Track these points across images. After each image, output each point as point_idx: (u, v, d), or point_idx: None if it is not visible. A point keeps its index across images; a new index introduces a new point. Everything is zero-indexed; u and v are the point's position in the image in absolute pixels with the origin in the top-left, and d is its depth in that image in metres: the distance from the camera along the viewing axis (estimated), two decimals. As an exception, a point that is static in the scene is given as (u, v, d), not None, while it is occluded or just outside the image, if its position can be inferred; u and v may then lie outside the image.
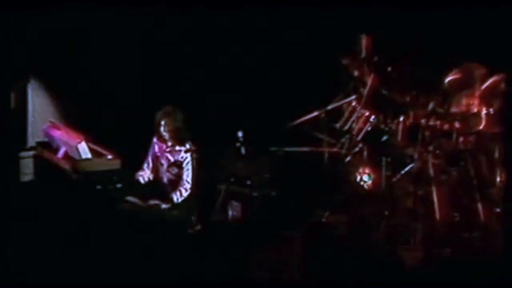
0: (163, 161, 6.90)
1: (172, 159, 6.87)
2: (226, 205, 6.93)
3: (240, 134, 6.93)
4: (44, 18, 7.05)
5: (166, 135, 6.76)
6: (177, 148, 6.83)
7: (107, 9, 7.18)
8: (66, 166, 6.36)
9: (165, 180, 6.90)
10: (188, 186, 6.73)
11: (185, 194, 6.71)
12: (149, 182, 6.89)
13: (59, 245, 5.99)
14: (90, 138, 6.48)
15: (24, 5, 6.72)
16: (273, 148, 7.05)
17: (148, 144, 6.94)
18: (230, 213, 6.88)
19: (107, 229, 6.06)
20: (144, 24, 7.48)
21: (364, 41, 7.15)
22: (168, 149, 6.86)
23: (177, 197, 6.72)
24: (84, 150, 6.36)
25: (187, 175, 6.75)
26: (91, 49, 7.43)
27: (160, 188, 6.85)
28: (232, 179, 6.95)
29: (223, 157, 7.11)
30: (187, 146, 6.83)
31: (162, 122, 6.78)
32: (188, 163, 6.77)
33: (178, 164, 6.82)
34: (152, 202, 6.62)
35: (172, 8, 7.26)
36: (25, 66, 7.09)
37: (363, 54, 7.12)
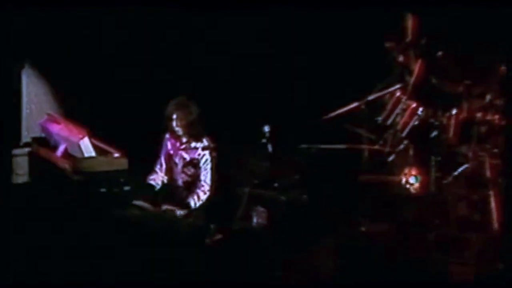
0: (177, 160, 6.62)
1: (187, 158, 6.58)
2: (250, 211, 6.59)
3: (266, 129, 6.55)
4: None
5: (179, 130, 6.46)
6: (193, 144, 6.55)
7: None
8: (66, 165, 6.07)
9: (179, 182, 6.60)
10: (206, 188, 6.45)
11: (203, 197, 6.43)
12: (163, 185, 6.66)
13: (57, 257, 5.71)
14: (94, 134, 6.17)
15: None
16: (304, 146, 6.76)
17: (160, 141, 6.63)
18: (254, 220, 6.56)
19: (112, 239, 5.77)
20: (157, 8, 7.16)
21: (410, 21, 6.87)
22: (182, 146, 6.58)
23: (194, 202, 6.42)
24: (87, 147, 6.07)
25: (205, 176, 6.46)
26: (95, 30, 7.14)
27: (174, 191, 6.60)
28: (256, 181, 6.62)
29: (246, 156, 6.73)
30: (205, 142, 6.50)
31: (174, 116, 6.49)
32: (206, 162, 6.47)
33: (195, 163, 6.52)
34: (165, 207, 6.31)
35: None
36: (19, 49, 6.79)
37: (409, 36, 6.85)
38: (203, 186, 6.48)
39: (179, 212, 6.37)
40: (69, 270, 5.72)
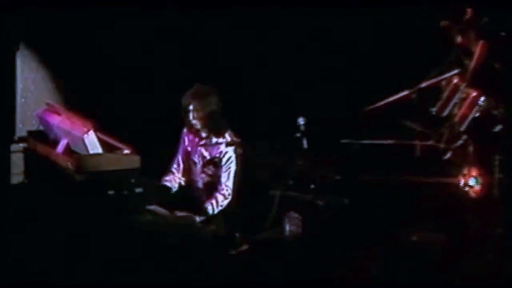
0: (196, 159, 6.32)
1: (207, 156, 6.28)
2: (281, 218, 6.29)
3: (301, 121, 6.17)
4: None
5: (196, 123, 6.20)
6: (214, 140, 6.26)
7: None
8: (67, 163, 5.80)
9: (199, 184, 6.36)
10: (228, 191, 6.18)
11: (223, 202, 6.16)
12: (180, 188, 6.44)
13: (58, 270, 5.48)
14: (100, 127, 5.92)
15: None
16: (345, 141, 6.47)
17: (177, 136, 6.41)
18: (287, 227, 6.25)
19: (121, 250, 5.51)
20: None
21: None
22: (202, 142, 6.29)
23: (212, 207, 6.15)
24: (92, 142, 5.80)
25: (227, 178, 6.20)
26: (101, 9, 6.82)
27: (193, 195, 6.34)
28: (289, 182, 6.26)
29: (277, 153, 6.49)
30: (228, 137, 6.25)
31: (191, 107, 6.20)
32: (229, 160, 6.17)
33: (216, 162, 6.28)
34: (183, 213, 6.02)
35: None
36: (12, 27, 6.54)
37: (468, 14, 6.47)
38: (223, 189, 6.20)
39: (198, 218, 6.01)
40: (72, 284, 5.43)
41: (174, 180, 6.39)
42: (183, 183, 6.40)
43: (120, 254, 5.54)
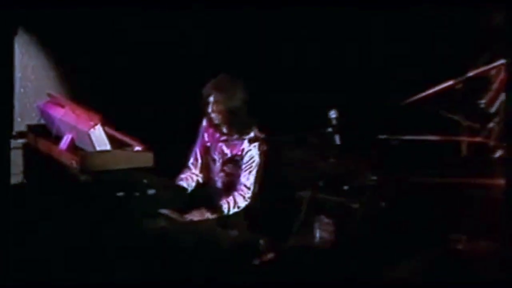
0: (216, 156, 6.02)
1: (229, 153, 5.99)
2: (311, 223, 5.98)
3: (333, 114, 5.77)
4: None
5: (215, 117, 5.90)
6: (236, 136, 5.95)
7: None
8: (72, 161, 5.59)
9: (218, 183, 6.06)
10: (246, 193, 5.90)
11: (241, 203, 5.88)
12: (197, 188, 6.14)
13: (58, 280, 5.23)
14: (109, 121, 5.69)
15: None
16: (383, 136, 6.07)
17: (195, 130, 6.16)
18: (317, 234, 5.95)
19: (132, 260, 5.27)
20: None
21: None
22: (223, 138, 5.98)
23: (228, 206, 5.90)
24: (99, 138, 5.58)
25: (246, 177, 5.91)
26: None
27: (212, 196, 6.02)
28: (320, 183, 5.94)
29: (306, 150, 6.10)
30: (252, 133, 5.92)
31: (211, 98, 5.85)
32: (251, 159, 5.89)
33: (237, 160, 5.99)
34: (199, 216, 5.73)
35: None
36: (10, 8, 6.21)
37: None
38: (242, 190, 5.92)
39: (206, 215, 5.79)
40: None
41: (191, 177, 6.10)
42: (201, 180, 6.11)
43: (129, 265, 5.31)
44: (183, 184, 6.04)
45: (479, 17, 6.26)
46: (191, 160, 6.14)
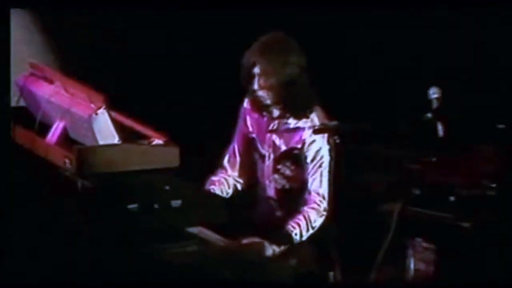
0: (265, 150, 5.17)
1: (283, 146, 5.13)
2: (402, 248, 5.21)
3: (434, 93, 4.92)
4: None
5: (265, 96, 5.03)
6: (293, 122, 5.09)
7: None
8: (64, 160, 4.74)
9: (270, 190, 5.18)
10: (322, 204, 5.00)
11: (316, 221, 4.97)
12: (237, 195, 5.36)
13: None
14: (117, 105, 4.89)
15: None
16: (501, 126, 5.19)
17: (233, 117, 5.44)
18: (411, 263, 5.15)
19: None
20: None
21: None
22: (274, 125, 5.14)
23: (300, 231, 4.97)
24: (103, 127, 4.78)
25: (320, 181, 5.01)
26: None
27: (260, 208, 5.32)
28: (414, 192, 5.14)
29: (394, 144, 5.31)
30: (315, 118, 5.04)
31: (257, 69, 4.97)
32: (319, 154, 5.01)
33: (297, 156, 5.09)
34: (245, 240, 4.89)
35: None
36: None
37: None
38: (314, 201, 5.01)
39: (271, 249, 4.90)
40: None
41: (227, 181, 5.32)
42: (240, 186, 5.32)
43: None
44: (215, 190, 5.28)
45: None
46: (228, 158, 5.36)
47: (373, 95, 6.25)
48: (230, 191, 5.29)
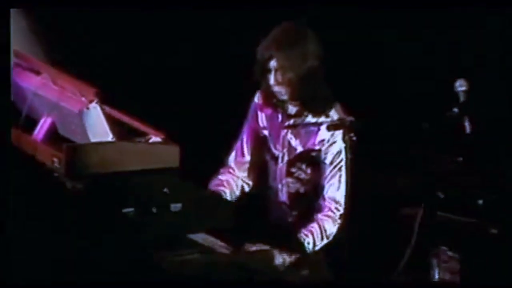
0: (278, 151, 4.99)
1: (299, 147, 4.93)
2: (425, 257, 5.03)
3: (460, 86, 4.74)
4: None
5: (281, 91, 4.86)
6: (312, 120, 4.90)
7: None
8: (52, 159, 4.60)
9: (282, 194, 4.97)
10: (338, 210, 4.78)
11: (331, 229, 4.77)
12: (244, 198, 5.15)
13: None
14: (112, 99, 4.75)
15: None
16: None
17: (242, 113, 5.29)
18: (435, 274, 4.96)
19: None
20: None
21: None
22: (290, 123, 4.96)
23: (313, 240, 4.78)
24: (96, 122, 4.67)
25: (338, 185, 4.81)
26: None
27: (270, 212, 5.09)
28: (439, 195, 4.95)
29: (413, 143, 5.14)
30: (333, 115, 4.83)
31: (273, 62, 4.77)
32: (338, 155, 4.83)
33: (315, 158, 4.91)
34: (254, 247, 4.64)
35: None
36: None
37: None
38: (329, 207, 4.80)
39: (281, 259, 4.68)
40: None
41: (234, 181, 5.09)
42: (247, 188, 5.09)
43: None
44: (222, 191, 5.04)
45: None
46: (234, 155, 5.12)
47: (392, 89, 5.99)
48: (238, 193, 5.09)
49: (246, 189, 5.17)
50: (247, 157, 5.16)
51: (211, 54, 6.70)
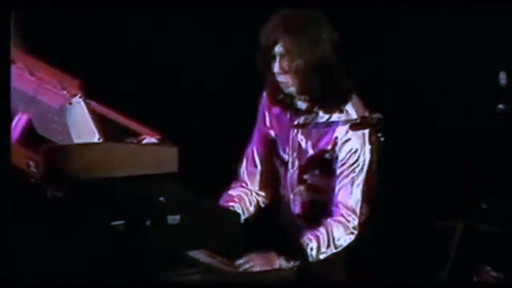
0: (287, 155, 4.64)
1: (310, 149, 4.55)
2: (466, 275, 4.80)
3: (503, 79, 4.51)
4: None
5: (288, 82, 4.45)
6: (325, 117, 4.51)
7: None
8: (28, 162, 4.30)
9: (294, 207, 4.65)
10: (350, 218, 4.40)
11: (342, 239, 4.41)
12: (259, 212, 4.87)
13: None
14: (99, 94, 4.51)
15: None
16: None
17: (252, 110, 4.99)
18: None
19: None
20: None
21: None
22: (299, 121, 4.57)
23: (317, 246, 4.43)
24: (80, 120, 4.38)
25: (349, 190, 4.44)
26: None
27: (284, 227, 4.79)
28: (482, 205, 4.71)
29: (452, 144, 4.94)
30: (351, 111, 4.46)
31: (279, 47, 4.41)
32: (354, 156, 4.43)
33: (329, 161, 4.50)
34: (265, 264, 4.41)
35: None
36: None
37: None
38: (341, 213, 4.43)
39: (278, 264, 4.45)
40: None
41: (248, 196, 4.74)
42: (262, 201, 4.75)
43: None
44: (234, 208, 4.72)
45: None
46: (245, 165, 4.79)
47: (426, 82, 5.58)
48: (252, 209, 4.79)
49: (261, 203, 4.87)
50: (259, 167, 4.86)
51: (218, 48, 6.44)
